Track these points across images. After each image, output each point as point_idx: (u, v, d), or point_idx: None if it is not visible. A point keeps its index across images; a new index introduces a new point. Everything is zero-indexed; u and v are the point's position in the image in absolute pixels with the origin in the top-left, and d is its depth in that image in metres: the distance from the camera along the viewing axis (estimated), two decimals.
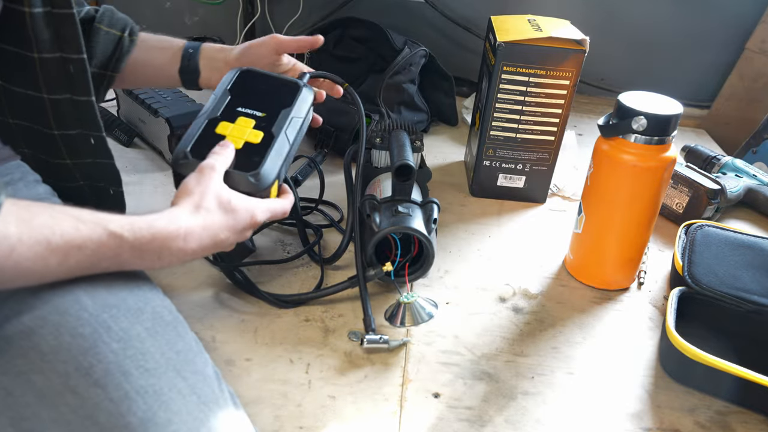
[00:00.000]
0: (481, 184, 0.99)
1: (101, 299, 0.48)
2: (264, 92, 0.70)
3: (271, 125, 0.65)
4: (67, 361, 0.44)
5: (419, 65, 1.17)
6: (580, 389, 0.64)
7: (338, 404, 0.59)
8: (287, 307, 0.71)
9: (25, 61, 0.57)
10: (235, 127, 0.64)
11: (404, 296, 0.69)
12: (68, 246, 0.44)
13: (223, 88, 0.68)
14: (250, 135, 0.63)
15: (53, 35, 0.56)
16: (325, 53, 1.18)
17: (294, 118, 0.67)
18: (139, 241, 0.48)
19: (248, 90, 0.69)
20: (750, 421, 0.62)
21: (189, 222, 0.52)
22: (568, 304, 0.77)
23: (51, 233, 0.43)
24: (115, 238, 0.47)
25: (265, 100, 0.68)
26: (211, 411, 0.47)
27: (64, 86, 0.59)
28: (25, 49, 0.56)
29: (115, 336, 0.46)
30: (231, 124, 0.64)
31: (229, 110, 0.66)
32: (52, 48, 0.57)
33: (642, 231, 0.76)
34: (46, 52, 0.57)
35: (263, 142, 0.63)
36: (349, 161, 0.83)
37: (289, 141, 0.65)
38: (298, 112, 0.68)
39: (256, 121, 0.65)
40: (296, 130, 0.67)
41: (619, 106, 0.71)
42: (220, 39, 1.42)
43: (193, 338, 0.52)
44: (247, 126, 0.64)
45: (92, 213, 0.47)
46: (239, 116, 0.65)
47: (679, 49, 1.41)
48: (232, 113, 0.66)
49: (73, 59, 0.58)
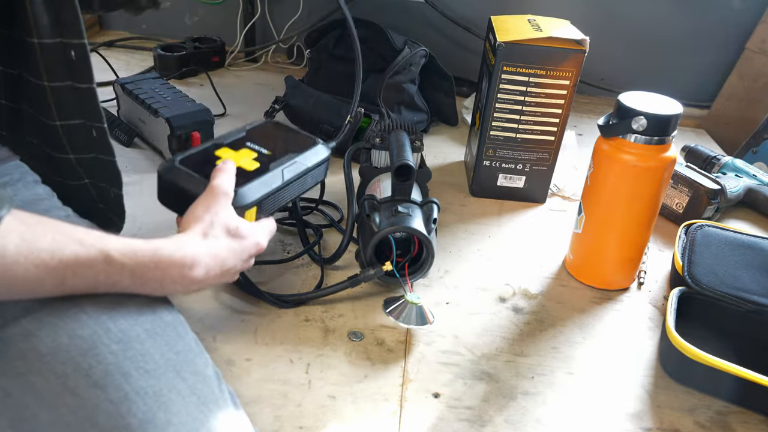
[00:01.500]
0: (481, 184, 0.99)
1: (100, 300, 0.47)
2: (280, 138, 0.73)
3: (271, 161, 0.67)
4: (66, 362, 0.43)
5: (419, 65, 1.17)
6: (580, 389, 0.64)
7: (338, 404, 0.59)
8: (287, 307, 0.71)
9: (25, 47, 0.56)
10: (234, 154, 0.66)
11: (412, 296, 0.69)
12: (65, 270, 0.44)
13: (243, 127, 0.71)
14: (246, 163, 0.65)
15: (53, 20, 0.55)
16: (325, 53, 1.18)
17: (297, 162, 0.68)
18: (140, 268, 0.47)
19: (266, 134, 0.72)
20: (750, 421, 0.62)
21: (196, 250, 0.51)
22: (568, 304, 0.77)
23: (50, 258, 0.43)
24: (113, 265, 0.46)
25: (277, 144, 0.70)
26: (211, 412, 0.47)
27: (64, 73, 0.58)
28: (26, 34, 0.55)
29: (114, 337, 0.46)
30: (232, 151, 0.66)
31: (237, 142, 0.68)
32: (52, 33, 0.55)
33: (642, 231, 0.76)
34: (47, 38, 0.55)
35: (255, 171, 0.64)
36: (349, 161, 0.83)
37: (282, 178, 0.66)
38: (304, 159, 0.69)
39: (257, 155, 0.67)
40: (295, 173, 0.68)
41: (619, 106, 0.71)
42: (220, 39, 1.42)
43: (193, 338, 0.52)
44: (247, 156, 0.66)
45: (96, 236, 0.46)
46: (244, 147, 0.67)
47: (679, 49, 1.41)
48: (239, 145, 0.68)
49: (74, 44, 0.57)
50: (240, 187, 0.61)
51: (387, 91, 1.11)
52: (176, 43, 1.37)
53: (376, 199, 0.75)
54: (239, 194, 0.60)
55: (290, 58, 1.52)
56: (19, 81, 0.60)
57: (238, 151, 0.67)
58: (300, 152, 0.70)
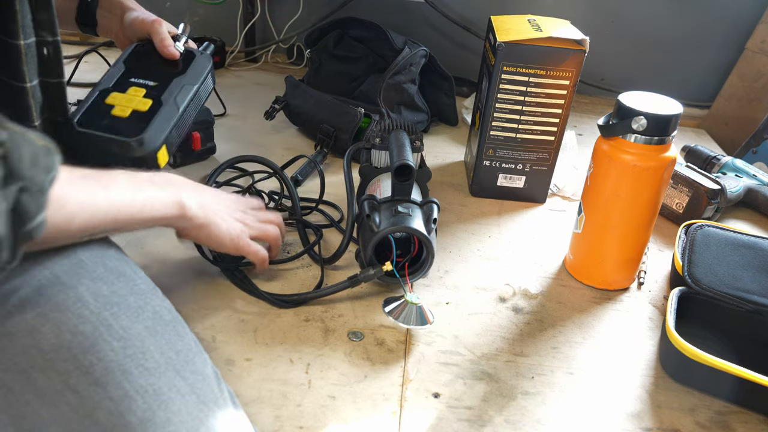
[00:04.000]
0: (481, 184, 0.99)
1: (103, 297, 0.48)
2: (159, 62, 0.73)
3: (161, 93, 0.68)
4: (68, 360, 0.44)
5: (419, 65, 1.17)
6: (580, 389, 0.64)
7: (338, 404, 0.59)
8: (287, 306, 0.71)
9: (9, 49, 0.55)
10: (124, 97, 0.67)
11: (412, 296, 0.69)
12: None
13: (118, 61, 0.71)
14: (138, 103, 0.66)
15: (31, 19, 0.55)
16: (326, 53, 1.18)
17: (186, 85, 0.70)
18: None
19: (143, 61, 0.72)
20: (750, 421, 0.62)
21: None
22: (568, 304, 0.77)
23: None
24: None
25: (159, 70, 0.71)
26: (210, 410, 0.47)
27: (37, 70, 0.58)
28: (9, 37, 0.54)
29: (115, 334, 0.46)
30: (121, 94, 0.67)
31: (121, 81, 0.69)
32: (32, 33, 0.55)
33: (642, 231, 0.76)
34: (27, 38, 0.55)
35: (150, 110, 0.65)
36: (349, 161, 0.83)
37: (178, 108, 0.67)
38: (191, 79, 0.71)
39: (146, 90, 0.68)
40: (188, 97, 0.69)
41: (619, 106, 0.71)
42: (220, 39, 1.42)
43: (192, 338, 0.52)
44: (137, 95, 0.67)
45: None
46: (131, 86, 0.68)
47: (679, 49, 1.41)
48: (124, 84, 0.69)
49: (48, 42, 0.57)
50: (144, 133, 0.62)
51: (387, 91, 1.12)
52: None
53: (376, 199, 0.75)
54: (145, 141, 0.62)
55: (290, 58, 1.52)
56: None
57: (126, 93, 0.67)
58: (183, 72, 0.71)
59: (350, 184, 0.81)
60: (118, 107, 0.66)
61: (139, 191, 0.54)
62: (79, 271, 0.48)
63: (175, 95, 0.68)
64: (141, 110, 0.65)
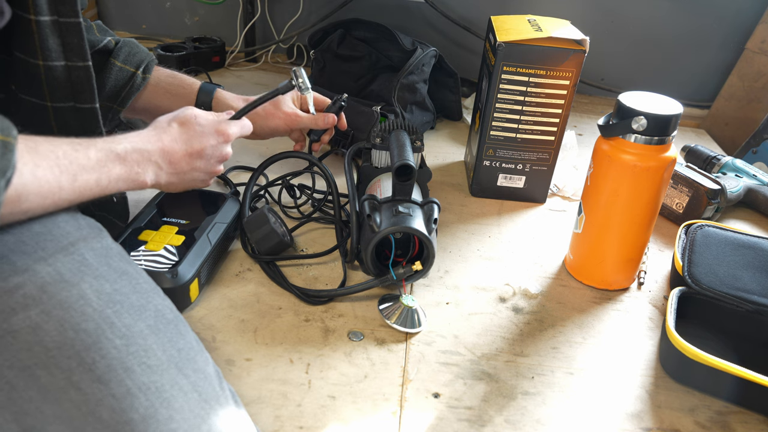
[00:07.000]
0: (481, 184, 0.99)
1: (106, 295, 0.48)
2: (189, 203, 0.78)
3: (194, 230, 0.73)
4: (71, 357, 0.44)
5: (430, 65, 1.18)
6: (580, 389, 0.64)
7: (338, 404, 0.59)
8: (316, 303, 0.71)
9: (30, 69, 0.57)
10: (157, 234, 0.71)
11: (407, 298, 0.69)
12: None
13: (150, 203, 0.76)
14: (172, 239, 0.70)
15: (59, 43, 0.57)
16: (329, 53, 1.18)
17: (218, 223, 0.75)
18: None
19: (173, 203, 0.77)
20: (750, 421, 0.62)
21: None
22: (568, 304, 0.77)
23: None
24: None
25: (191, 210, 0.77)
26: (212, 408, 0.47)
27: (67, 94, 0.60)
28: (30, 56, 0.57)
29: (118, 332, 0.46)
30: (154, 232, 0.71)
31: (154, 220, 0.74)
32: (58, 57, 0.58)
33: (642, 231, 0.76)
34: (52, 60, 0.57)
35: (184, 245, 0.70)
36: (349, 161, 0.83)
37: (210, 243, 0.72)
38: (222, 218, 0.76)
39: (178, 227, 0.72)
40: (219, 233, 0.74)
41: (619, 106, 0.71)
42: (220, 39, 1.43)
43: (194, 337, 0.53)
44: (170, 232, 0.71)
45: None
46: (163, 225, 0.73)
47: (679, 49, 1.41)
48: (156, 222, 0.73)
49: (78, 67, 0.59)
50: (177, 267, 0.66)
51: (401, 91, 1.12)
52: (176, 43, 1.38)
53: (377, 199, 0.75)
54: (179, 273, 0.65)
55: (290, 58, 1.52)
56: (18, 101, 0.61)
57: (159, 231, 0.72)
58: (215, 212, 0.76)
59: (351, 183, 0.81)
60: (151, 243, 0.69)
61: (105, 173, 0.54)
62: (83, 269, 0.48)
63: (207, 232, 0.73)
64: (175, 245, 0.70)
